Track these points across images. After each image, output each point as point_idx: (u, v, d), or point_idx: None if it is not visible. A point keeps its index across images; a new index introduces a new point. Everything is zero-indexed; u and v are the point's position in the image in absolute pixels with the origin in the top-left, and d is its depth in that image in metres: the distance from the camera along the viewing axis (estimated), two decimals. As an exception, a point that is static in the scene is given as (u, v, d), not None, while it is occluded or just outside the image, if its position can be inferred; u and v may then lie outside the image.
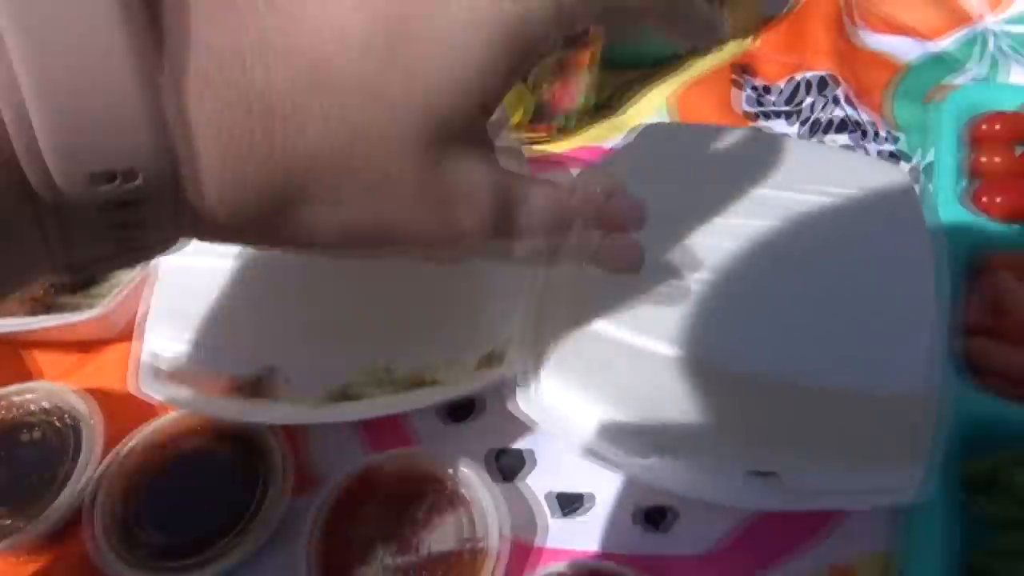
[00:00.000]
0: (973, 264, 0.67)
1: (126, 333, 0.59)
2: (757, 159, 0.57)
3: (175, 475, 0.54)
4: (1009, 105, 0.80)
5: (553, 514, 0.55)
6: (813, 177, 0.56)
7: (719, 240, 0.52)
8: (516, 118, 0.79)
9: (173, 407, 0.55)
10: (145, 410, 0.57)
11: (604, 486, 0.56)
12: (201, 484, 0.53)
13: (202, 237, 0.30)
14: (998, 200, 0.69)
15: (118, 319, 0.61)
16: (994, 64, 0.93)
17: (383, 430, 0.59)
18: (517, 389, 0.52)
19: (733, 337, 0.50)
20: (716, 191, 0.55)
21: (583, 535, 0.54)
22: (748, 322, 0.50)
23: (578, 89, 0.79)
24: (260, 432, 0.55)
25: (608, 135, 0.71)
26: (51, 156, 0.23)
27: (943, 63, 0.92)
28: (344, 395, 0.55)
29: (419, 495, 0.52)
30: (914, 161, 0.78)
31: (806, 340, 0.49)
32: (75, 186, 0.24)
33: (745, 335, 0.50)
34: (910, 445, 0.50)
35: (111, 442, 0.55)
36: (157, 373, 0.54)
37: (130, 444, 0.54)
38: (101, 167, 0.24)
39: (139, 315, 0.57)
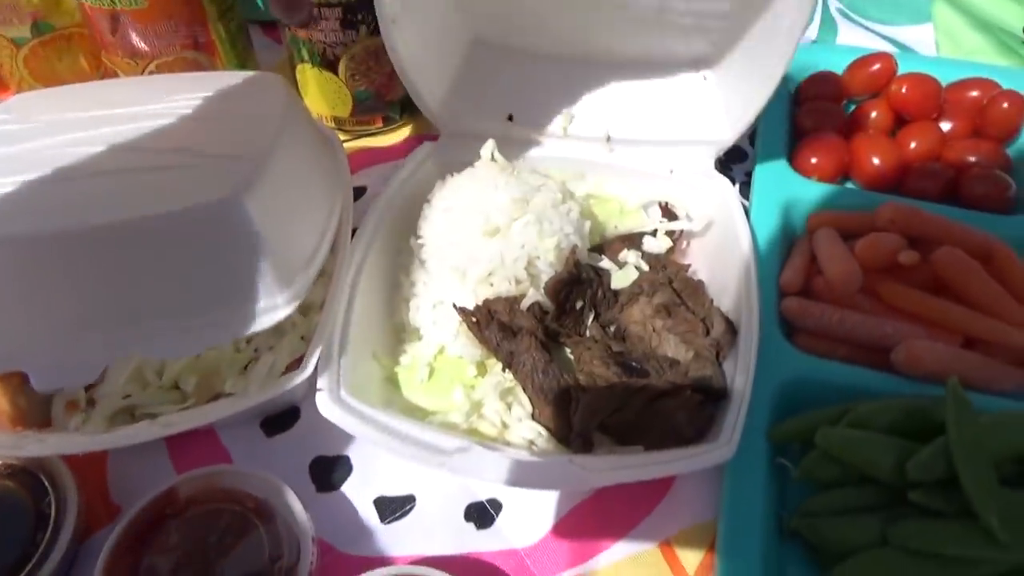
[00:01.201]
0: (794, 224, 0.67)
1: None
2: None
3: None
4: (838, 66, 0.81)
5: (375, 521, 0.53)
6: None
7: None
8: (336, 112, 0.76)
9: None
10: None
11: (425, 487, 0.54)
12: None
13: None
14: (813, 160, 0.69)
15: None
16: (830, 26, 0.94)
17: (191, 449, 0.55)
18: (319, 393, 0.50)
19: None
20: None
21: (406, 539, 0.52)
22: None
23: (403, 77, 0.76)
24: (51, 464, 0.51)
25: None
26: None
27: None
28: (133, 416, 0.52)
29: (220, 515, 0.49)
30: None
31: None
32: None
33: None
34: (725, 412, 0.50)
35: None
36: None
37: None
38: None
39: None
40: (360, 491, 0.54)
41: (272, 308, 0.50)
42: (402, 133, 0.80)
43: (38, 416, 0.52)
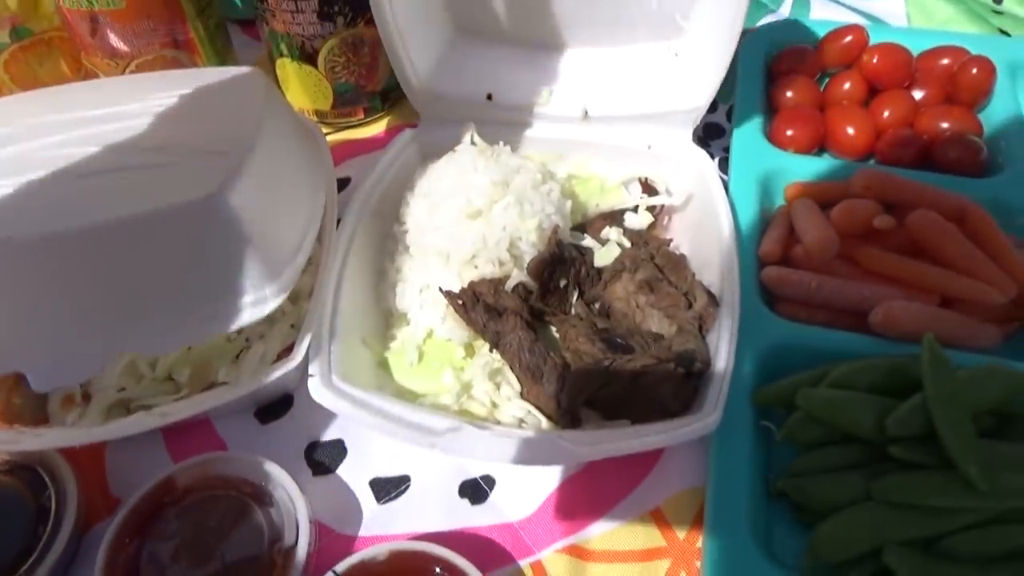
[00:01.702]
0: (772, 196, 0.68)
1: None
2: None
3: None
4: (812, 40, 0.82)
5: (371, 502, 0.54)
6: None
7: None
8: (318, 105, 0.77)
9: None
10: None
11: (418, 467, 0.55)
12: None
13: None
14: (789, 133, 0.70)
15: None
16: (803, 2, 0.95)
17: (188, 441, 0.56)
18: (310, 379, 0.51)
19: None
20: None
21: (402, 518, 0.53)
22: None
23: (382, 68, 0.77)
24: (50, 459, 0.52)
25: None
26: None
27: (757, 4, 0.95)
28: (128, 409, 0.52)
29: (218, 501, 0.50)
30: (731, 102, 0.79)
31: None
32: None
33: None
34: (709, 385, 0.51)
35: None
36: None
37: None
38: None
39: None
40: (355, 473, 0.55)
41: (262, 300, 0.50)
42: (384, 124, 0.81)
43: (34, 413, 0.53)
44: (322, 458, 0.56)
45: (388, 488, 0.55)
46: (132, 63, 0.71)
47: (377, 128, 0.80)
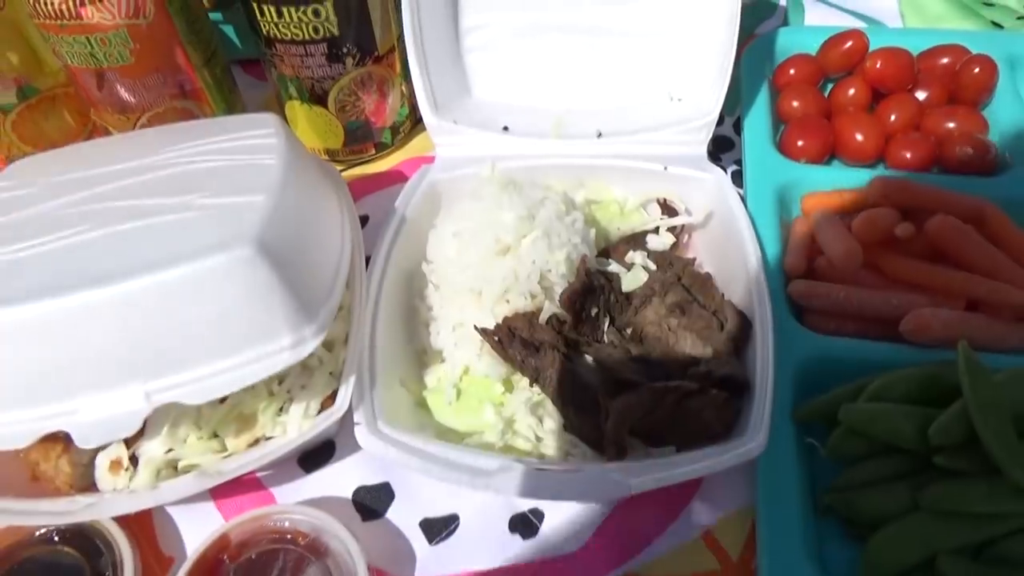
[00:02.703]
0: (789, 207, 0.69)
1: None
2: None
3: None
4: (811, 47, 0.83)
5: (423, 543, 0.54)
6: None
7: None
8: (329, 144, 0.77)
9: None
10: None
11: (466, 505, 0.56)
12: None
13: None
14: (800, 143, 0.71)
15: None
16: (797, 8, 0.96)
17: (236, 494, 0.57)
18: (357, 427, 0.51)
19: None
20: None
21: (456, 558, 0.54)
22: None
23: (391, 104, 0.77)
24: (103, 524, 0.52)
25: (431, 144, 0.70)
26: None
27: (752, 12, 0.95)
28: (176, 469, 0.53)
29: (275, 555, 0.50)
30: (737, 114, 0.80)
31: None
32: None
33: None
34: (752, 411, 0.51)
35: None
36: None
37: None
38: None
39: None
40: (405, 516, 0.56)
41: (301, 341, 0.50)
42: (396, 158, 0.81)
43: (83, 479, 0.53)
44: (370, 502, 0.56)
45: (438, 528, 0.55)
46: (143, 116, 0.71)
47: (389, 163, 0.81)
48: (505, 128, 0.69)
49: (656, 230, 0.66)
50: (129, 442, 0.53)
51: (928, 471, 0.50)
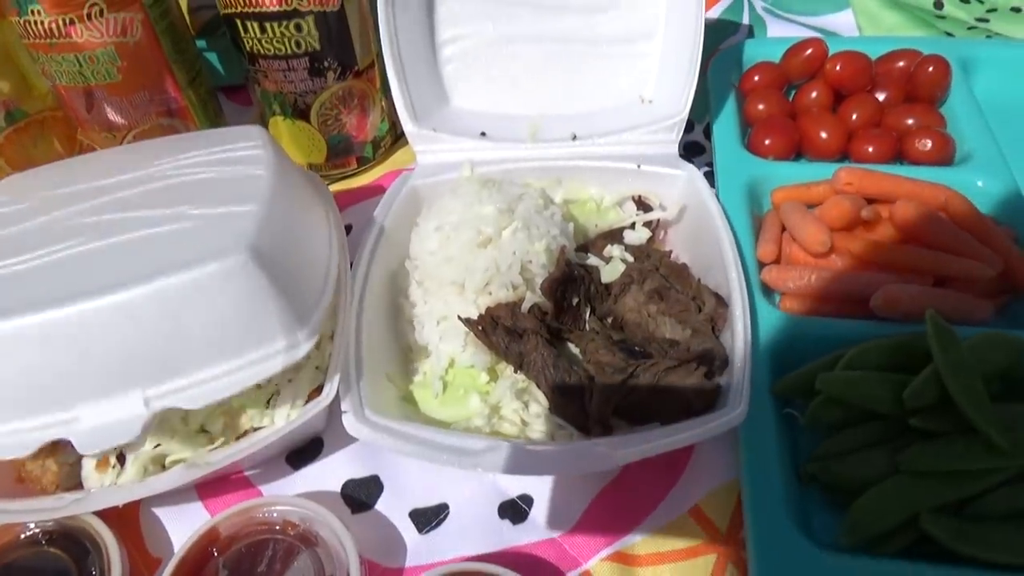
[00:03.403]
0: (760, 202, 0.72)
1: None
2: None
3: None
4: (774, 56, 0.87)
5: (413, 533, 0.54)
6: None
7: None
8: (312, 159, 0.79)
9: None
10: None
11: (455, 494, 0.56)
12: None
13: None
14: (767, 142, 0.74)
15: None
16: (759, 25, 1.01)
17: (225, 495, 0.57)
18: (344, 415, 0.52)
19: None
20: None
21: (446, 546, 0.54)
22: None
23: (372, 119, 0.80)
24: (90, 525, 0.51)
25: (410, 158, 0.72)
26: None
27: (716, 29, 1.00)
28: (163, 466, 0.53)
29: (265, 545, 0.50)
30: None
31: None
32: None
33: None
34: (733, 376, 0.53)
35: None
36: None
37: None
38: None
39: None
40: (394, 507, 0.56)
41: (294, 345, 0.51)
42: (377, 172, 0.83)
43: (70, 479, 0.53)
44: (359, 495, 0.57)
45: (428, 517, 0.55)
46: (129, 134, 0.73)
47: (371, 176, 0.83)
48: (483, 134, 0.71)
49: (632, 225, 0.68)
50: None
51: (904, 436, 0.52)
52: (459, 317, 0.59)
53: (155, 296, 0.46)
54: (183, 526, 0.55)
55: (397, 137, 0.85)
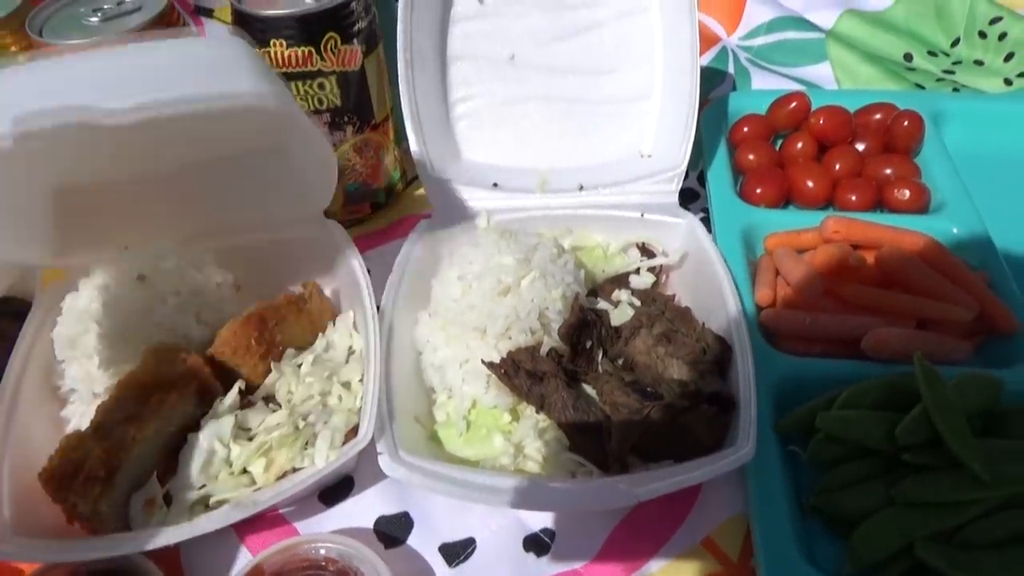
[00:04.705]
0: (754, 247, 0.77)
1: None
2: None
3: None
4: (760, 107, 0.93)
5: (443, 567, 0.58)
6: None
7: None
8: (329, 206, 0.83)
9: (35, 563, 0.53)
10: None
11: (483, 527, 0.60)
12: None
13: None
14: (759, 191, 0.80)
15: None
16: (744, 75, 1.07)
17: (263, 532, 0.59)
18: (380, 456, 0.55)
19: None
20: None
21: (474, 578, 0.57)
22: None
23: (386, 165, 0.84)
24: (134, 566, 0.54)
25: (424, 204, 0.76)
26: None
27: (704, 79, 1.05)
28: (206, 504, 0.56)
29: (308, 583, 0.53)
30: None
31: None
32: None
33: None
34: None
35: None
36: (7, 532, 0.52)
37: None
38: None
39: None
40: (424, 542, 0.59)
41: None
42: (390, 216, 0.87)
43: (118, 520, 0.55)
44: (391, 531, 0.60)
45: (457, 551, 0.59)
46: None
47: (384, 221, 0.87)
48: (495, 185, 0.76)
49: (637, 271, 0.73)
50: (163, 481, 0.56)
51: (898, 469, 0.56)
52: (482, 361, 0.62)
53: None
54: (223, 564, 0.58)
55: (407, 183, 0.89)
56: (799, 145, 0.85)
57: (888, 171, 0.82)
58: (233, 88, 0.52)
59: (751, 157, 0.84)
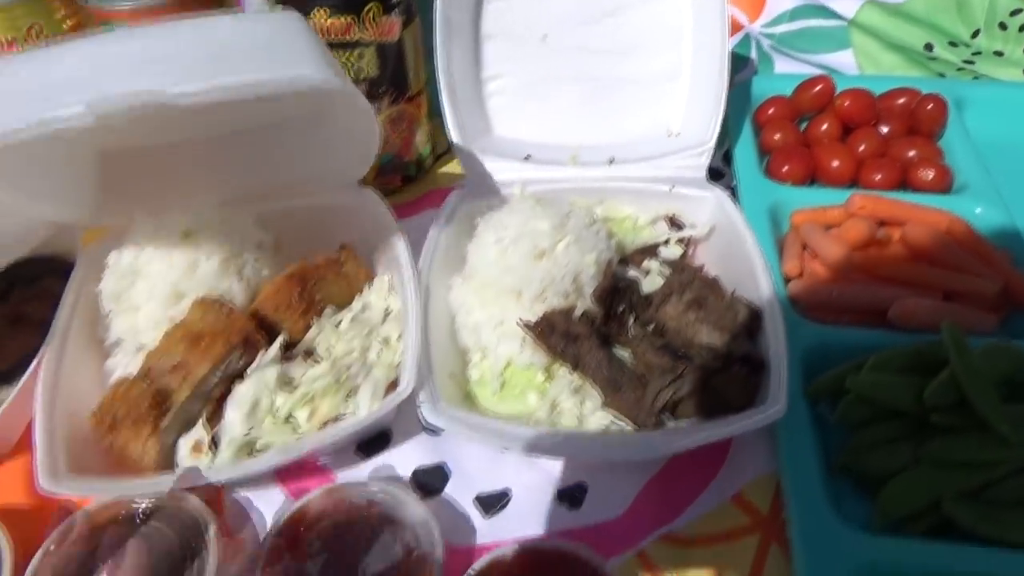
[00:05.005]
0: (780, 223, 0.78)
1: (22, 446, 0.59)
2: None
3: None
4: (785, 91, 0.94)
5: (478, 517, 0.59)
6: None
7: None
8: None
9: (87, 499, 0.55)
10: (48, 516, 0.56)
11: (517, 481, 0.61)
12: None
13: None
14: (785, 169, 0.81)
15: (10, 435, 0.60)
16: (767, 61, 1.09)
17: (303, 480, 0.61)
18: (422, 406, 0.57)
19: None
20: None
21: (510, 528, 0.58)
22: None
23: (418, 140, 0.85)
24: (184, 504, 0.55)
25: (451, 179, 0.77)
26: None
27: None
28: (251, 449, 0.57)
29: (353, 521, 0.54)
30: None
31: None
32: None
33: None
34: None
35: (22, 553, 0.54)
36: (62, 471, 0.54)
37: (50, 546, 0.53)
38: None
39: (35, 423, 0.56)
40: (460, 493, 0.61)
41: None
42: (421, 188, 0.89)
43: (167, 461, 0.57)
44: (428, 482, 0.61)
45: (492, 503, 0.60)
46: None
47: (415, 192, 0.88)
48: (527, 157, 0.77)
49: (667, 242, 0.75)
50: (211, 425, 0.57)
51: (924, 431, 0.58)
52: (518, 322, 0.64)
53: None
54: (264, 508, 0.59)
55: (437, 158, 0.91)
56: (824, 126, 0.87)
57: (912, 153, 0.83)
58: (299, 71, 0.54)
59: (777, 136, 0.86)
